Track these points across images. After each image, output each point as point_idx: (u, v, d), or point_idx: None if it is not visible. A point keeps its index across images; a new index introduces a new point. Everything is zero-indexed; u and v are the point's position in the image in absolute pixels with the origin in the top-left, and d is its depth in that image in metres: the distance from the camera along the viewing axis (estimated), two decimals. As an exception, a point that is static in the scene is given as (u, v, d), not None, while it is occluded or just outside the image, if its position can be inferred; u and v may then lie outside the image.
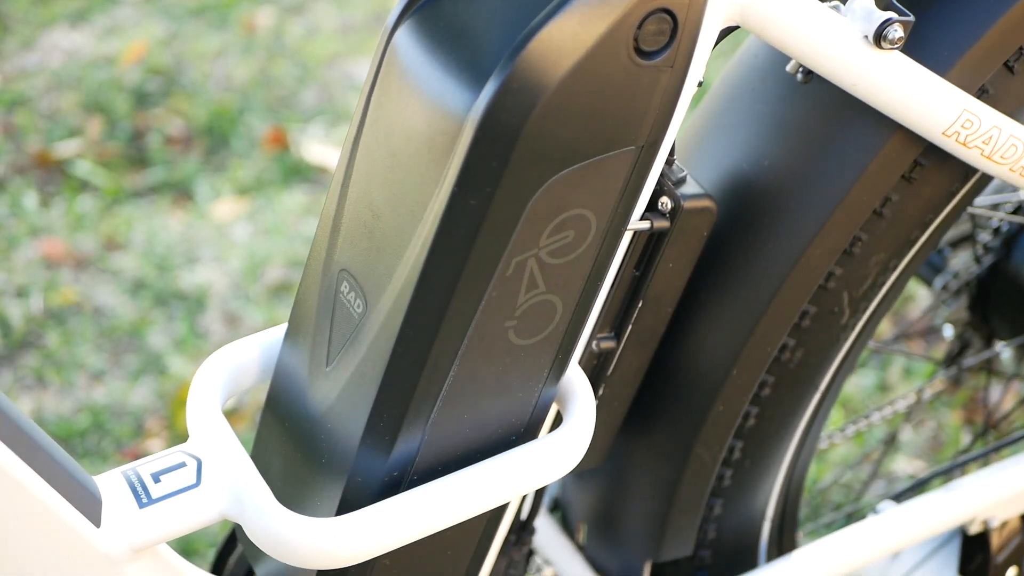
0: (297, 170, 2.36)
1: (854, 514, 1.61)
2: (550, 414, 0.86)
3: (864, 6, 0.80)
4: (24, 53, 2.67)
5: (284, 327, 0.84)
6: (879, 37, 0.80)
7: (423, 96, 0.72)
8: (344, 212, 0.78)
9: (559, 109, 0.69)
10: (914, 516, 1.14)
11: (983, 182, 0.96)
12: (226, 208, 2.28)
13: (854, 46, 0.81)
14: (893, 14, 0.80)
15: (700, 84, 0.77)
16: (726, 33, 0.81)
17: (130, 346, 2.02)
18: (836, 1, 0.82)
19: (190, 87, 2.56)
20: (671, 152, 0.84)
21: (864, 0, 0.80)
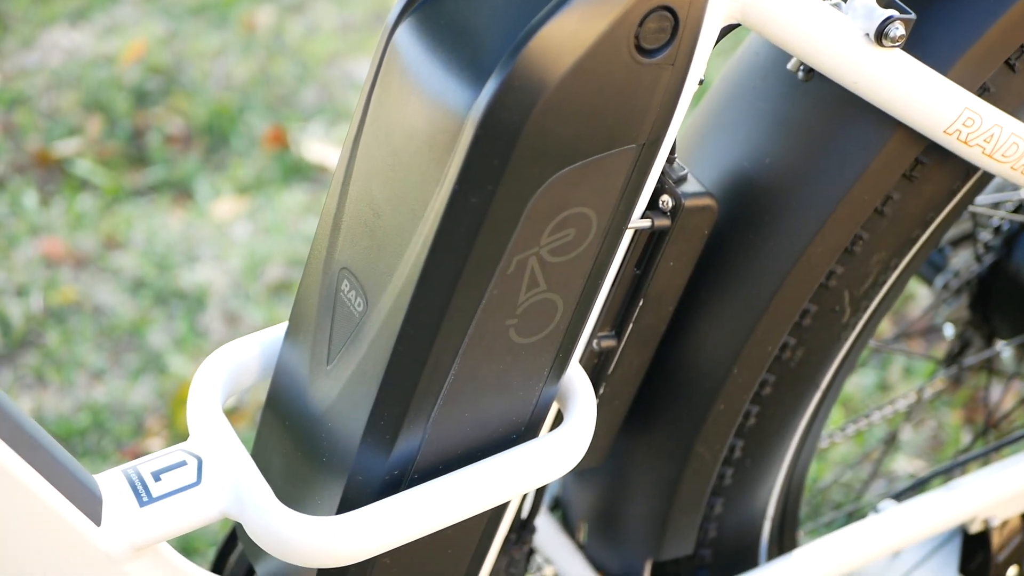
0: (297, 169, 2.36)
1: (854, 513, 1.61)
2: (551, 413, 0.85)
3: (865, 4, 0.80)
4: (24, 52, 2.67)
5: (284, 326, 0.84)
6: (880, 35, 0.80)
7: (424, 94, 0.72)
8: (345, 210, 0.78)
9: (560, 107, 0.69)
10: (915, 515, 1.14)
11: (984, 180, 0.96)
12: (226, 207, 2.28)
13: (855, 44, 0.80)
14: (894, 12, 0.80)
15: (701, 82, 0.77)
16: (727, 31, 0.81)
17: (130, 345, 2.01)
18: (837, -1, 0.82)
19: (190, 86, 2.56)
20: (672, 150, 0.84)
21: (865, -2, 0.80)
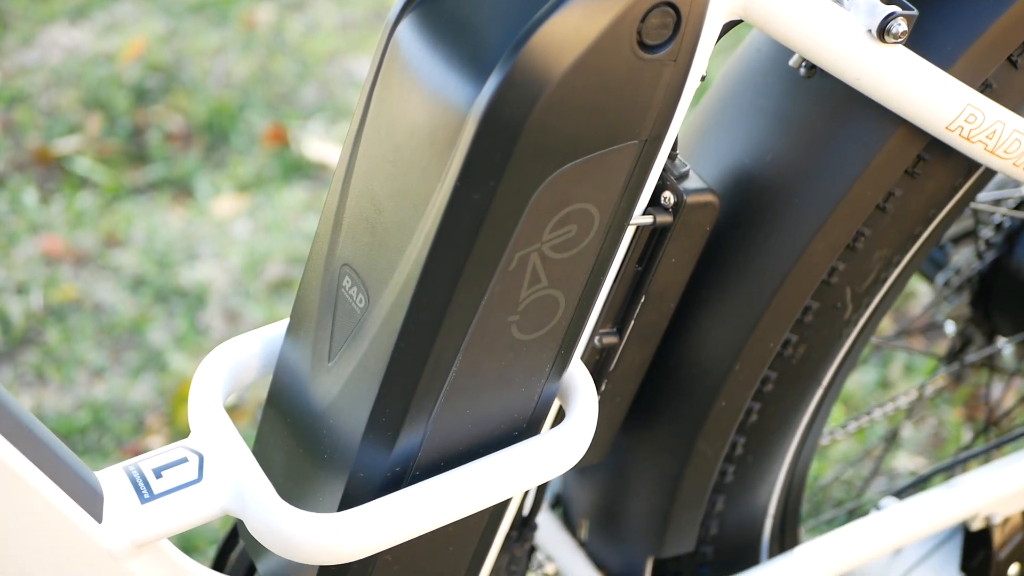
0: (297, 167, 2.36)
1: (855, 511, 1.61)
2: (552, 410, 0.85)
3: (868, 0, 0.80)
4: (24, 50, 2.67)
5: (286, 323, 0.84)
6: (883, 31, 0.80)
7: (425, 90, 0.71)
8: (346, 207, 0.77)
9: (562, 103, 0.69)
10: (916, 513, 1.13)
11: (986, 177, 0.95)
12: (226, 205, 2.28)
13: (857, 40, 0.80)
14: (897, 8, 0.79)
15: (703, 78, 0.77)
16: (729, 27, 0.81)
17: (130, 343, 2.01)
18: (839, -5, 0.81)
19: (190, 84, 2.56)
20: (674, 147, 0.84)
21: (868, -6, 0.80)
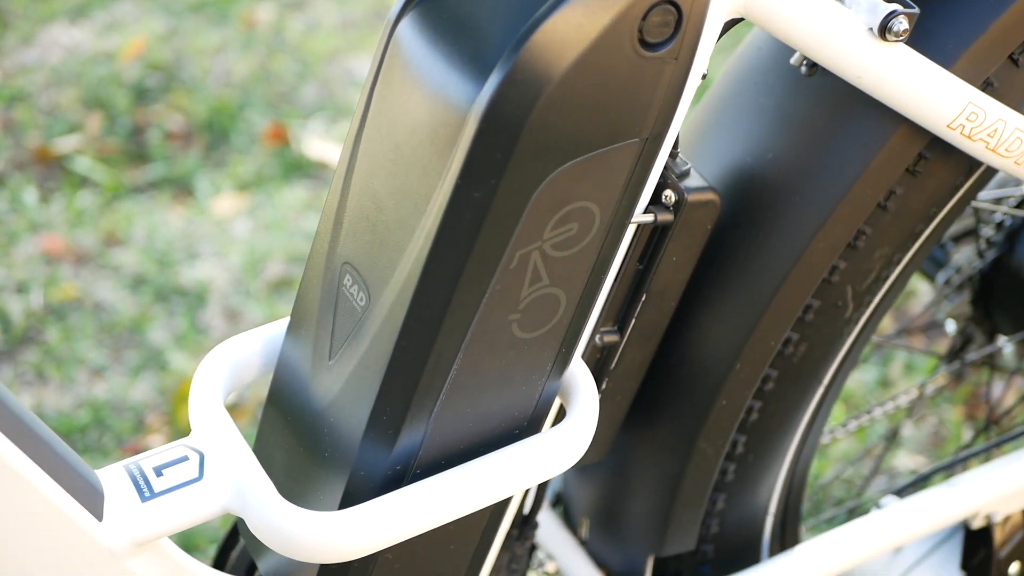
0: (297, 166, 2.36)
1: (856, 509, 1.61)
2: (553, 408, 0.85)
3: (869, -2, 0.80)
4: (24, 49, 2.67)
5: (286, 321, 0.84)
6: (884, 29, 0.79)
7: (426, 88, 0.71)
8: (347, 205, 0.77)
9: (563, 101, 0.69)
10: (916, 511, 1.13)
11: (987, 176, 0.95)
12: (226, 204, 2.28)
13: (859, 38, 0.80)
14: (898, 6, 0.79)
15: (704, 77, 0.77)
16: (730, 25, 0.81)
17: (130, 342, 2.01)
18: (840, -7, 0.81)
19: (190, 83, 2.56)
20: (675, 145, 0.84)
21: (869, -8, 0.80)
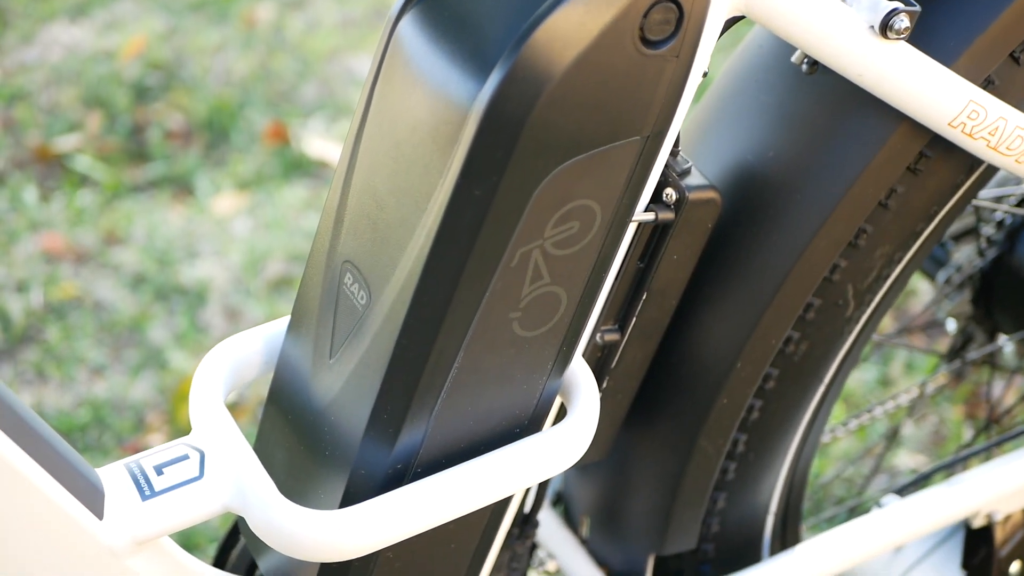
0: (297, 164, 2.36)
1: (856, 508, 1.61)
2: (554, 407, 0.85)
3: (870, -4, 0.80)
4: (24, 48, 2.67)
5: (287, 320, 0.84)
6: (885, 27, 0.79)
7: (427, 86, 0.71)
8: (348, 203, 0.77)
9: (564, 99, 0.69)
10: (917, 510, 1.13)
11: (988, 174, 0.95)
12: (226, 202, 2.28)
13: (860, 36, 0.80)
14: (899, 4, 0.79)
15: (705, 74, 0.77)
16: (731, 23, 0.81)
17: (131, 340, 2.01)
18: (842, -9, 0.81)
19: (190, 81, 2.55)
20: (676, 143, 0.84)
21: (870, -10, 0.80)
